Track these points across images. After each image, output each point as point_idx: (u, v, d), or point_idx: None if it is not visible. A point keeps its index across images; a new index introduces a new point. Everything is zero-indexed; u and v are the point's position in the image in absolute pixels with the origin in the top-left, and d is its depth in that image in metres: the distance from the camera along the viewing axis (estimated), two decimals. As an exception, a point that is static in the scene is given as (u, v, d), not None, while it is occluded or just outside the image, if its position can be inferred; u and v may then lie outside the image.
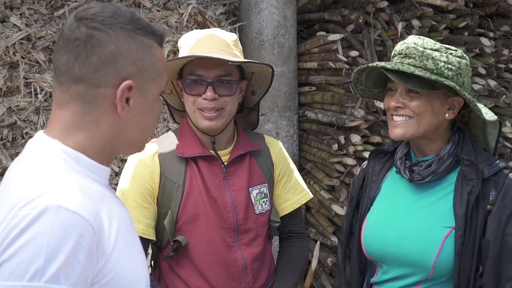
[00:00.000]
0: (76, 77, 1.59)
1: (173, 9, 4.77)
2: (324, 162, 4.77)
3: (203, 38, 2.59)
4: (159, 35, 1.69)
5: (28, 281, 1.36)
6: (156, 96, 1.70)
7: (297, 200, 2.84)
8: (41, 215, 1.40)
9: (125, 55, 1.60)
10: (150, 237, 2.58)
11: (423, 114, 2.39)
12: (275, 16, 4.80)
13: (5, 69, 4.47)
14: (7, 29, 4.49)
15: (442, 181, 2.45)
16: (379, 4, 4.77)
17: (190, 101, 2.56)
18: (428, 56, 2.36)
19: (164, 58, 1.73)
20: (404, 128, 2.42)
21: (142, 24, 1.65)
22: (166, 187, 2.57)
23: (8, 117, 4.49)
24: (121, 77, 1.59)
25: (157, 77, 1.69)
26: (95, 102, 1.60)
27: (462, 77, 2.39)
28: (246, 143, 2.71)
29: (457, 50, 2.42)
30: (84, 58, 1.58)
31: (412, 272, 2.42)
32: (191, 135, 2.64)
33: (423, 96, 2.39)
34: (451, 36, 4.95)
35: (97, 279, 1.51)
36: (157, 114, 1.74)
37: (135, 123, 1.66)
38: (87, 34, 1.58)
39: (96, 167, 1.65)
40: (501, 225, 2.29)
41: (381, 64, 2.41)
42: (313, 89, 5.02)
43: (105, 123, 1.62)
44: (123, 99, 1.60)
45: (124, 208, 1.77)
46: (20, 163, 1.62)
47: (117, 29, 1.59)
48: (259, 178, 2.71)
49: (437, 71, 2.35)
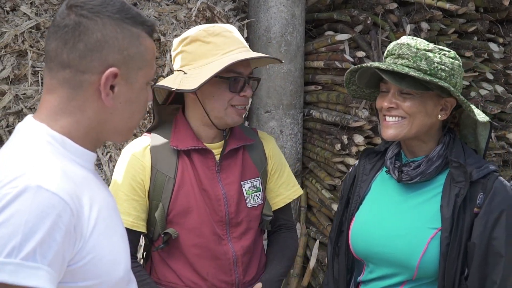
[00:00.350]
0: (64, 63, 1.63)
1: (182, 3, 4.78)
2: (327, 161, 4.78)
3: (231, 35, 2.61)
4: (148, 26, 1.72)
5: (5, 257, 1.38)
6: (142, 85, 1.73)
7: (289, 195, 2.86)
8: (20, 194, 1.43)
9: (111, 43, 1.63)
10: (140, 229, 2.60)
11: (416, 115, 2.39)
12: (283, 14, 4.80)
13: (13, 57, 4.50)
14: (17, 17, 4.52)
15: (431, 182, 2.46)
16: (388, 6, 4.76)
17: (225, 97, 2.57)
18: (421, 56, 2.36)
19: (153, 49, 1.75)
20: (397, 129, 2.42)
21: (131, 13, 1.68)
22: (157, 179, 2.59)
23: (14, 104, 4.52)
24: (106, 65, 1.63)
25: (144, 67, 1.71)
26: (81, 88, 1.63)
27: (455, 78, 2.39)
28: (240, 137, 2.73)
29: (450, 51, 2.42)
30: (71, 44, 1.62)
31: (397, 272, 2.43)
32: (186, 129, 2.66)
33: (416, 97, 2.39)
34: (459, 40, 4.93)
35: (74, 260, 1.54)
36: (143, 103, 1.76)
37: (121, 110, 1.69)
38: (75, 21, 1.62)
39: (81, 151, 1.68)
40: (487, 229, 2.28)
41: (375, 64, 2.41)
42: (319, 88, 5.02)
43: (91, 109, 1.66)
44: (107, 86, 1.63)
45: (109, 193, 1.80)
46: (7, 145, 1.65)
47: (104, 18, 1.63)
48: (252, 172, 2.73)
49: (431, 72, 2.35)
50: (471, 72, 4.86)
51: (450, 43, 4.87)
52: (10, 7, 4.56)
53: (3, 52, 4.51)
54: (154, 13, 4.70)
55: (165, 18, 4.72)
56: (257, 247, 2.77)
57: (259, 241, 2.80)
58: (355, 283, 2.61)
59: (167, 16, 4.73)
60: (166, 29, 4.67)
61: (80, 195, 1.57)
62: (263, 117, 4.91)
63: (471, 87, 4.87)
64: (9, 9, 4.56)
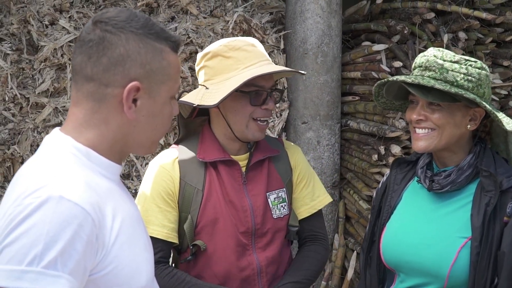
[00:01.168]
0: (88, 76, 1.67)
1: (219, 16, 4.83)
2: (364, 172, 4.77)
3: (252, 49, 2.61)
4: (173, 41, 1.75)
5: (27, 266, 1.42)
6: (165, 99, 1.75)
7: (314, 205, 2.84)
8: (43, 204, 1.47)
9: (134, 57, 1.67)
10: (174, 241, 2.62)
11: (445, 126, 2.39)
12: (319, 25, 4.81)
13: (52, 70, 4.59)
14: (56, 31, 4.60)
15: (462, 191, 2.45)
16: (426, 16, 4.74)
17: (246, 111, 2.58)
18: (448, 68, 2.36)
19: (177, 64, 1.79)
20: (427, 141, 2.42)
21: (155, 29, 1.71)
22: (186, 191, 2.61)
23: (54, 117, 4.60)
24: (129, 78, 1.66)
25: (167, 81, 1.74)
26: (105, 101, 1.67)
27: (482, 88, 2.39)
28: (265, 149, 2.75)
29: (476, 61, 2.41)
30: (95, 58, 1.66)
31: (428, 282, 2.42)
32: (212, 141, 2.68)
33: (444, 109, 2.39)
34: (497, 50, 4.89)
35: (96, 269, 1.57)
36: (167, 117, 1.79)
37: (144, 124, 1.72)
38: (99, 36, 1.66)
39: (106, 163, 1.72)
40: None
41: (401, 78, 2.42)
42: (356, 98, 5.02)
43: (114, 122, 1.69)
44: (129, 99, 1.67)
45: (133, 205, 1.83)
46: (34, 157, 1.70)
47: (128, 33, 1.67)
48: (277, 183, 2.74)
49: (457, 83, 2.35)
50: (509, 82, 4.81)
51: (488, 52, 4.84)
52: (49, 21, 4.64)
53: (43, 65, 4.60)
54: (192, 26, 4.74)
55: (203, 31, 4.76)
56: (284, 258, 2.77)
57: (286, 252, 2.79)
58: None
59: (204, 29, 4.77)
60: (204, 42, 4.71)
61: (103, 206, 1.60)
62: (300, 128, 4.92)
63: (509, 96, 4.82)
64: (48, 23, 4.65)
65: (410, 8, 4.84)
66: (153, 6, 4.80)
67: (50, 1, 4.63)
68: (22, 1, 4.65)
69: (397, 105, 2.70)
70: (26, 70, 4.61)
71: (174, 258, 2.77)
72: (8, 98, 4.56)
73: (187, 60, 4.74)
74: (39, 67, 4.60)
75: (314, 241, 2.89)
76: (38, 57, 4.58)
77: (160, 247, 2.57)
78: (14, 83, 4.57)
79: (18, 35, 4.64)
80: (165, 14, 4.79)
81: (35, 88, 4.61)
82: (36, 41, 4.61)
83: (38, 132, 4.60)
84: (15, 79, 4.59)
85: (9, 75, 4.55)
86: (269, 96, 2.58)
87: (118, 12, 1.71)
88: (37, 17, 4.61)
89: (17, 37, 4.65)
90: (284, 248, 2.77)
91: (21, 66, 4.59)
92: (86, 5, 4.70)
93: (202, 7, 4.84)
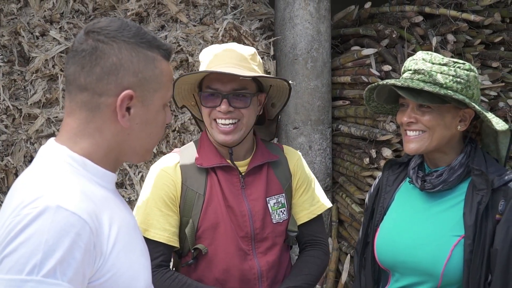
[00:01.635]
0: (81, 86, 1.68)
1: (209, 24, 4.85)
2: (356, 175, 4.80)
3: (221, 53, 2.65)
4: (165, 50, 1.77)
5: (26, 275, 1.44)
6: (159, 107, 1.77)
7: (313, 210, 2.85)
8: (41, 214, 1.49)
9: (126, 66, 1.68)
10: (175, 245, 2.64)
11: (435, 128, 2.43)
12: (309, 31, 4.85)
13: (44, 81, 4.60)
14: (47, 42, 4.62)
15: (453, 190, 2.48)
16: (414, 19, 4.78)
17: (206, 113, 2.63)
18: (437, 71, 2.41)
19: (169, 72, 1.81)
20: (418, 143, 2.46)
21: (146, 38, 1.73)
22: (187, 196, 2.64)
23: (47, 128, 4.61)
24: (122, 87, 1.68)
25: (160, 89, 1.76)
26: (98, 110, 1.69)
27: (471, 89, 2.43)
28: (264, 154, 2.76)
29: (465, 63, 2.45)
30: (88, 68, 1.67)
31: (422, 280, 2.44)
32: (209, 146, 2.71)
33: (434, 110, 2.43)
34: (486, 51, 4.93)
35: (95, 277, 1.59)
36: (161, 125, 1.81)
37: (138, 131, 1.74)
38: (92, 46, 1.67)
39: (102, 172, 1.73)
40: (509, 235, 2.30)
41: (391, 81, 2.46)
42: (346, 103, 5.05)
43: (108, 131, 1.71)
44: (123, 107, 1.68)
45: (129, 212, 1.84)
46: (30, 168, 1.71)
47: (120, 42, 1.68)
48: (276, 188, 2.75)
49: (447, 85, 2.39)
50: (498, 83, 4.85)
51: (477, 54, 4.88)
52: (40, 33, 4.66)
53: (34, 76, 4.61)
54: (182, 34, 4.77)
55: (193, 39, 4.79)
56: (283, 263, 2.78)
57: (285, 257, 2.81)
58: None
59: (194, 37, 4.80)
60: (194, 50, 4.73)
61: (99, 214, 1.62)
62: (292, 133, 4.94)
63: (499, 97, 4.86)
64: (39, 34, 4.67)
65: (398, 12, 4.89)
66: (143, 15, 4.83)
67: (40, 13, 4.65)
68: (13, 12, 4.67)
69: (388, 108, 2.73)
70: (18, 82, 4.63)
71: (175, 262, 2.79)
72: (1, 109, 4.57)
73: (177, 68, 4.76)
74: (31, 78, 4.61)
75: (314, 246, 2.90)
76: (29, 69, 4.60)
77: (162, 251, 2.59)
78: (6, 95, 4.59)
79: (9, 46, 4.66)
80: (155, 23, 4.81)
81: (27, 99, 4.63)
82: (27, 53, 4.62)
83: (31, 143, 4.62)
84: (7, 91, 4.60)
85: (1, 87, 4.56)
86: (224, 99, 2.58)
87: (109, 21, 1.73)
88: (27, 28, 4.63)
89: (8, 49, 4.66)
90: (283, 253, 2.79)
91: (13, 77, 4.61)
92: (76, 15, 4.72)
93: (192, 15, 4.87)
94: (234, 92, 2.59)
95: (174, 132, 4.73)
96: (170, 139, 4.74)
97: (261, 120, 2.85)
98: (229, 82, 2.58)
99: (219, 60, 2.62)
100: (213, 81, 2.59)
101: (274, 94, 2.79)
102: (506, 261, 2.29)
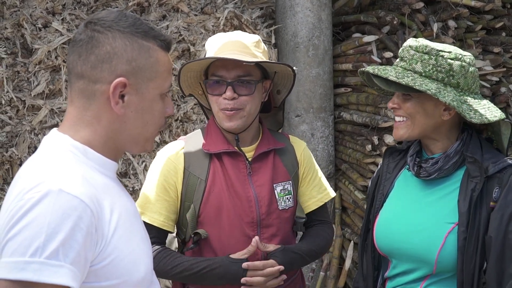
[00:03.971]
0: (78, 74, 1.75)
1: (210, 13, 4.86)
2: (359, 162, 4.81)
3: (226, 41, 2.69)
4: (161, 40, 1.82)
5: (30, 257, 1.49)
6: (154, 96, 1.81)
7: (321, 198, 2.91)
8: (43, 198, 1.54)
9: (120, 54, 1.73)
10: (169, 229, 2.69)
11: (415, 115, 2.46)
12: (309, 18, 4.86)
13: (47, 72, 4.62)
14: (49, 34, 4.64)
15: (449, 178, 2.49)
16: (415, 5, 4.78)
17: (213, 101, 2.67)
18: (417, 59, 2.43)
19: (166, 62, 1.84)
20: (402, 129, 2.50)
21: (142, 28, 1.78)
22: (189, 181, 2.68)
23: (50, 118, 4.64)
24: (115, 75, 1.73)
25: (155, 78, 1.80)
26: (94, 97, 1.74)
27: (455, 79, 2.41)
28: (270, 141, 2.80)
29: (450, 52, 2.43)
30: (85, 56, 1.74)
31: (418, 267, 2.47)
32: (217, 132, 2.74)
33: (414, 98, 2.45)
34: (487, 37, 4.93)
35: (97, 260, 1.64)
36: (157, 114, 1.84)
37: (133, 119, 1.79)
38: (88, 35, 1.74)
39: (103, 160, 1.79)
40: (503, 222, 2.30)
41: (367, 69, 2.50)
42: (348, 90, 5.06)
43: (105, 119, 1.76)
44: (115, 94, 1.73)
45: (129, 200, 1.89)
46: (33, 156, 1.76)
47: (115, 31, 1.74)
48: (283, 175, 2.79)
49: (426, 74, 2.41)
50: (500, 68, 4.86)
51: (478, 40, 4.88)
52: (42, 24, 4.68)
53: (37, 68, 4.63)
54: (183, 24, 4.78)
55: (194, 28, 4.80)
56: None
57: (291, 243, 2.82)
58: (383, 279, 2.66)
59: (195, 26, 4.81)
60: (195, 39, 4.75)
61: (101, 200, 1.67)
62: (294, 121, 4.96)
63: (501, 83, 4.87)
64: (41, 26, 4.69)
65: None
66: (144, 5, 4.84)
67: (42, 4, 4.67)
68: (15, 5, 4.69)
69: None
70: (21, 73, 4.65)
71: (179, 248, 2.82)
72: (5, 101, 4.60)
73: (179, 57, 4.78)
74: (34, 69, 4.63)
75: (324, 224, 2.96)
76: (32, 60, 4.62)
77: (155, 234, 2.63)
78: (10, 87, 4.61)
79: (12, 39, 4.68)
80: (156, 13, 4.83)
81: (30, 90, 4.65)
82: (30, 44, 4.64)
83: (35, 134, 4.65)
84: (11, 83, 4.63)
85: (5, 79, 4.58)
86: (229, 86, 2.61)
87: (108, 13, 1.79)
88: (30, 20, 4.65)
89: (11, 41, 4.69)
90: (289, 240, 2.81)
91: (16, 69, 4.63)
92: (78, 6, 4.74)
93: (193, 5, 4.88)
94: (238, 79, 2.62)
95: (176, 121, 4.75)
96: (173, 128, 4.76)
97: (267, 107, 2.89)
98: (234, 69, 2.61)
99: (224, 48, 2.66)
100: (218, 68, 2.62)
101: (279, 81, 2.82)
102: (500, 248, 2.30)
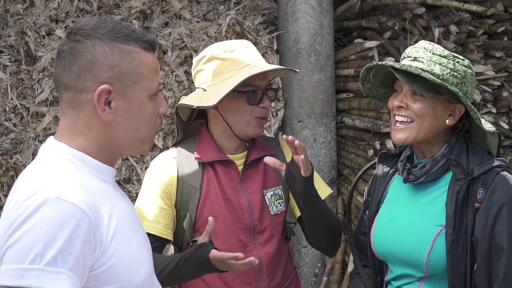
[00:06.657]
0: (65, 85, 1.77)
1: (212, 20, 4.89)
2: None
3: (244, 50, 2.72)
4: (143, 41, 1.81)
5: (29, 264, 1.52)
6: (142, 98, 1.81)
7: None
8: (41, 206, 1.57)
9: (101, 62, 1.74)
10: (168, 237, 2.70)
11: (425, 117, 2.44)
12: (311, 24, 4.87)
13: (51, 79, 4.66)
14: (53, 41, 4.68)
15: (438, 181, 2.50)
16: (416, 11, 4.78)
17: (247, 110, 2.67)
18: (436, 61, 2.42)
19: (151, 62, 1.83)
20: (406, 133, 2.47)
21: (122, 32, 1.78)
22: (184, 190, 2.70)
23: (54, 125, 4.68)
24: (99, 82, 1.74)
25: (141, 80, 1.80)
26: (82, 107, 1.76)
27: (466, 86, 2.44)
28: (262, 147, 2.82)
29: (464, 59, 2.47)
30: (68, 68, 1.75)
31: (411, 271, 2.49)
32: (209, 141, 2.76)
33: (426, 100, 2.44)
34: (489, 41, 4.92)
35: (96, 266, 1.66)
36: (148, 116, 1.84)
37: (123, 124, 1.79)
38: (69, 46, 1.75)
39: (100, 166, 1.81)
40: (489, 223, 2.32)
41: (390, 63, 2.47)
42: (350, 95, 5.07)
43: (96, 126, 1.77)
44: (101, 102, 1.74)
45: (129, 204, 1.91)
46: (31, 164, 1.79)
47: (94, 39, 1.74)
48: (273, 181, 2.80)
49: (443, 77, 2.40)
50: (502, 72, 4.86)
51: (480, 44, 4.87)
52: (46, 32, 4.72)
53: (41, 75, 4.67)
54: (186, 30, 4.81)
55: (196, 35, 4.83)
56: (282, 254, 2.83)
57: (284, 248, 2.85)
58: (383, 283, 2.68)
59: (198, 33, 4.83)
60: (198, 46, 4.77)
61: (98, 206, 1.68)
62: (296, 127, 4.98)
63: (503, 87, 4.87)
64: (45, 33, 4.73)
65: (400, 4, 4.88)
66: (147, 12, 4.87)
67: (46, 12, 4.71)
68: (19, 13, 4.73)
69: (381, 93, 2.73)
70: (25, 81, 4.70)
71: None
72: (9, 108, 4.64)
73: (182, 64, 4.81)
74: (38, 77, 4.68)
75: None
76: (36, 67, 4.66)
77: (154, 242, 2.60)
78: (14, 94, 4.66)
79: (16, 46, 4.73)
80: (159, 20, 4.85)
81: (34, 97, 4.69)
82: (33, 52, 4.69)
83: (39, 140, 4.69)
84: (15, 90, 4.67)
85: (9, 86, 4.63)
86: (264, 95, 2.67)
87: (88, 20, 1.80)
88: (33, 28, 4.69)
89: (15, 48, 4.73)
90: (283, 244, 2.84)
91: (20, 76, 4.68)
92: (81, 14, 4.78)
93: (195, 12, 4.90)
94: (267, 88, 2.70)
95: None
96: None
97: None
98: (265, 78, 2.69)
99: (251, 57, 2.70)
100: (254, 78, 2.63)
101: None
102: (487, 249, 2.32)
